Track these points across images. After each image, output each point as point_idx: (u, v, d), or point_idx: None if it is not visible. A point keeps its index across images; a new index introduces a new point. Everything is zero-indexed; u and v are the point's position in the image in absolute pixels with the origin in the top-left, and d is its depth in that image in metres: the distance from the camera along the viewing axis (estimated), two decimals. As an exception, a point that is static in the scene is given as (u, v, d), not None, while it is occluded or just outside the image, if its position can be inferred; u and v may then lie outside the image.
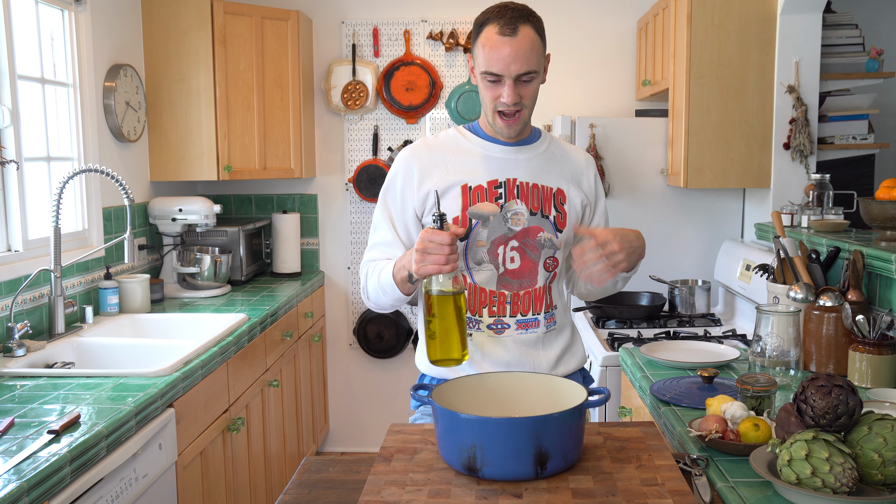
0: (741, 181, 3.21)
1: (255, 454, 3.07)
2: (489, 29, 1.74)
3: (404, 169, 1.88)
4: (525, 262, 1.84)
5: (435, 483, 1.34)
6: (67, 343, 2.62)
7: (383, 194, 1.91)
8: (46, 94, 2.89)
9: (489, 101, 1.79)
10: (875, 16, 3.74)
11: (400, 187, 1.88)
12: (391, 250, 1.88)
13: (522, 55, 1.72)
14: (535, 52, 1.74)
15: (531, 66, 1.74)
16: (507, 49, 1.71)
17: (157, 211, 3.57)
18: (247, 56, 3.72)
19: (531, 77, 1.76)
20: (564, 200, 1.88)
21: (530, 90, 1.78)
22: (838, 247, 2.41)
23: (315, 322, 4.06)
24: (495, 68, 1.73)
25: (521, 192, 1.84)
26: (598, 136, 3.53)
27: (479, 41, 1.77)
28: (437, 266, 1.62)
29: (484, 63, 1.75)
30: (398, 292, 1.79)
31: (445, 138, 1.92)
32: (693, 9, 3.12)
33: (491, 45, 1.73)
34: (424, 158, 1.88)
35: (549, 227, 1.86)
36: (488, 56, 1.74)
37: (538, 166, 1.88)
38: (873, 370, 2.03)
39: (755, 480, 1.47)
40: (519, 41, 1.72)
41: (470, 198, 1.83)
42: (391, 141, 4.18)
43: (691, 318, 3.31)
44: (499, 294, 1.83)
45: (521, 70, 1.73)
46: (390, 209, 1.90)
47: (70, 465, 1.68)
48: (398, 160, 1.91)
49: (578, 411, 1.37)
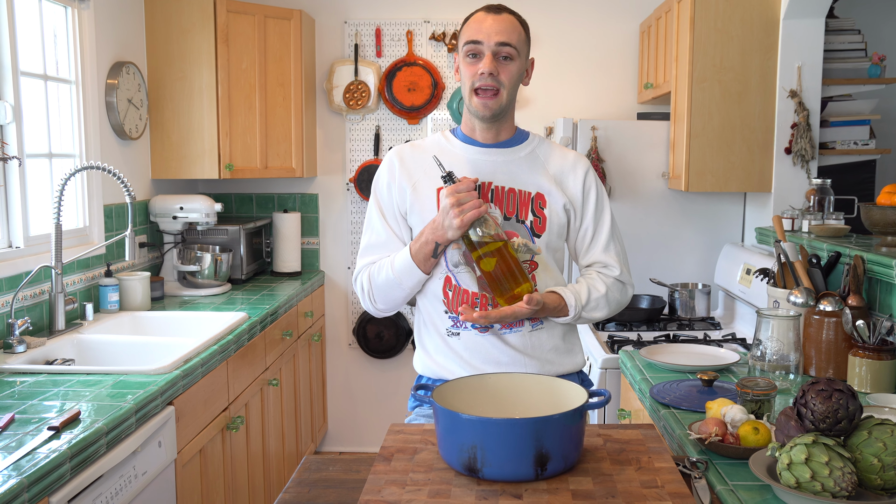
0: (742, 185, 3.21)
1: (254, 453, 3.07)
2: (475, 13, 1.84)
3: (388, 167, 1.93)
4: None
5: (435, 483, 1.34)
6: (68, 340, 2.63)
7: (373, 193, 1.95)
8: (49, 90, 2.89)
9: (468, 80, 1.82)
10: (877, 21, 3.75)
11: (386, 183, 1.92)
12: (387, 250, 1.90)
13: (504, 29, 1.79)
14: (517, 33, 1.82)
15: (512, 39, 1.79)
16: (490, 20, 1.80)
17: (158, 209, 3.57)
18: (249, 55, 3.72)
19: (510, 54, 1.80)
20: (544, 205, 1.87)
21: (509, 70, 1.81)
22: (839, 252, 2.41)
23: (315, 321, 4.06)
24: (478, 36, 1.79)
25: (495, 197, 1.85)
26: (600, 139, 3.53)
27: (464, 26, 1.85)
28: (477, 209, 1.68)
29: (466, 35, 1.82)
30: (418, 273, 1.81)
31: (430, 141, 1.95)
32: (696, 13, 3.12)
33: (476, 21, 1.82)
34: (407, 159, 1.92)
35: (524, 231, 1.85)
36: (470, 28, 1.82)
37: (518, 169, 1.88)
38: (873, 375, 2.03)
39: (754, 484, 1.48)
40: (502, 18, 1.81)
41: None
42: (393, 141, 4.19)
43: (691, 321, 3.31)
44: (481, 296, 1.84)
45: (501, 39, 1.78)
46: (381, 204, 1.93)
47: (70, 462, 1.68)
48: (384, 160, 1.96)
49: (579, 413, 1.37)
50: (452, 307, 1.86)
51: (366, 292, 1.91)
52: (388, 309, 1.93)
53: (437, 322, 1.89)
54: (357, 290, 1.95)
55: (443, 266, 1.85)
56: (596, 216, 1.93)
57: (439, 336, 1.89)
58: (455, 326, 1.87)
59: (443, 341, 1.89)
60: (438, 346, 1.90)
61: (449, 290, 1.85)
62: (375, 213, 1.93)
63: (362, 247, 1.95)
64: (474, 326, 1.85)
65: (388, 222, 1.91)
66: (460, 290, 1.84)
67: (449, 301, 1.86)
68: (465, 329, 1.86)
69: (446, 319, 1.88)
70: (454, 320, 1.86)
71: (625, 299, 1.95)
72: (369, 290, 1.90)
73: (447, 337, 1.88)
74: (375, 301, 1.90)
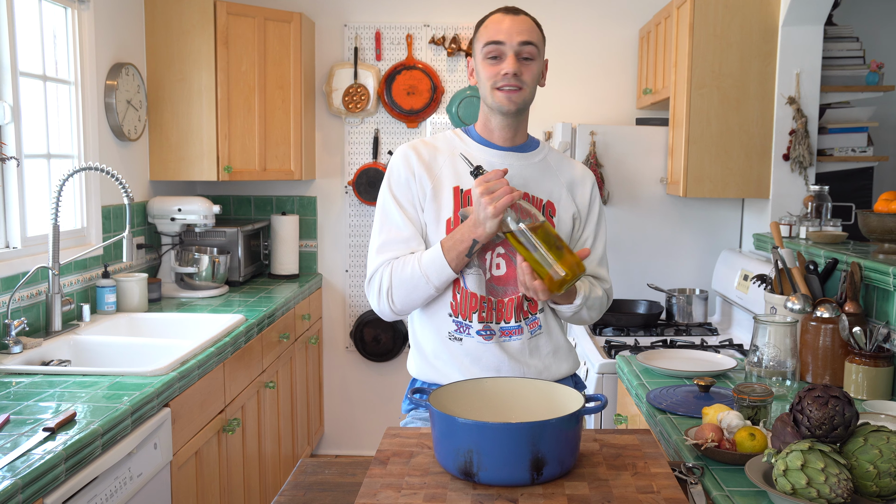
0: (740, 191, 3.21)
1: (250, 455, 3.06)
2: (492, 15, 1.84)
3: (404, 161, 1.87)
4: (510, 270, 1.83)
5: (431, 487, 1.34)
6: (64, 341, 2.62)
7: (387, 189, 1.87)
8: (48, 91, 2.89)
9: (488, 80, 1.80)
10: (876, 29, 3.76)
11: (405, 177, 1.86)
12: (408, 246, 1.82)
13: (525, 29, 1.80)
14: (536, 33, 1.82)
15: (533, 38, 1.80)
16: (509, 20, 1.80)
17: (157, 210, 3.57)
18: (249, 57, 3.73)
19: (531, 53, 1.80)
20: (554, 213, 1.87)
21: (531, 70, 1.81)
22: (836, 258, 2.41)
23: (312, 324, 4.05)
24: (498, 37, 1.78)
25: None
26: (599, 144, 3.53)
27: (481, 28, 1.84)
28: (509, 195, 1.65)
29: (486, 36, 1.81)
30: (448, 272, 1.75)
31: (442, 139, 1.92)
32: (695, 19, 3.13)
33: (494, 22, 1.82)
34: (423, 154, 1.88)
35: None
36: (490, 29, 1.81)
37: (531, 175, 1.87)
38: (869, 382, 2.03)
39: (750, 490, 1.48)
40: (521, 19, 1.82)
41: (462, 200, 1.83)
42: (391, 144, 4.19)
43: (688, 326, 3.31)
44: (487, 300, 1.83)
45: (523, 38, 1.78)
46: (399, 199, 1.85)
47: (65, 463, 1.68)
48: (397, 155, 1.89)
49: (575, 418, 1.37)
50: (459, 311, 1.84)
51: (384, 290, 1.82)
52: (403, 310, 1.85)
53: (440, 325, 1.86)
54: (371, 289, 1.85)
55: None
56: (596, 230, 1.96)
57: (440, 340, 1.87)
58: (458, 331, 1.84)
59: (443, 345, 1.86)
60: (438, 351, 1.87)
61: (458, 292, 1.83)
62: (393, 207, 1.85)
63: (378, 244, 1.85)
64: (479, 333, 1.84)
65: (410, 217, 1.84)
66: (468, 293, 1.83)
67: (457, 305, 1.83)
68: (468, 336, 1.84)
69: (450, 323, 1.85)
70: (458, 324, 1.84)
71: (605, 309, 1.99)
72: (388, 288, 1.81)
73: (448, 341, 1.86)
74: (393, 300, 1.82)
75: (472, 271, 1.82)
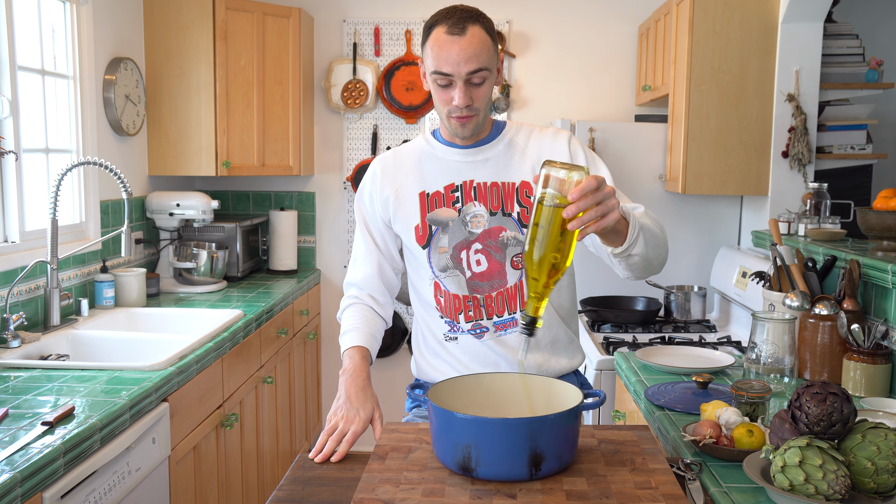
0: (739, 188, 3.22)
1: (248, 450, 3.06)
2: (438, 30, 1.71)
3: (370, 178, 1.92)
4: (492, 264, 1.82)
5: (429, 482, 1.34)
6: (62, 335, 2.62)
7: (356, 202, 1.96)
8: (46, 85, 2.88)
9: (442, 105, 1.76)
10: (875, 26, 3.75)
11: (368, 194, 1.92)
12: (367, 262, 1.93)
13: (472, 54, 1.68)
14: (486, 50, 1.70)
15: (482, 62, 1.69)
16: (457, 48, 1.68)
17: (155, 205, 3.56)
18: (248, 52, 3.72)
19: (483, 77, 1.71)
20: (531, 192, 1.81)
21: (482, 92, 1.73)
22: (835, 256, 2.41)
23: (310, 320, 4.05)
24: (445, 68, 1.69)
25: (478, 194, 1.82)
26: (598, 141, 3.53)
27: (427, 43, 1.73)
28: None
29: (433, 63, 1.71)
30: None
31: (412, 146, 1.92)
32: (694, 16, 3.13)
33: (440, 45, 1.69)
34: (389, 166, 1.90)
35: (511, 224, 1.81)
36: (437, 56, 1.70)
37: (498, 163, 1.83)
38: (867, 379, 2.03)
39: (748, 486, 1.48)
40: (468, 39, 1.68)
41: (428, 204, 1.83)
42: (390, 140, 4.18)
43: (686, 323, 3.31)
44: (472, 298, 1.83)
45: (471, 68, 1.68)
46: (364, 216, 1.93)
47: (63, 458, 1.68)
48: (367, 171, 1.95)
49: (574, 413, 1.37)
50: (446, 313, 1.86)
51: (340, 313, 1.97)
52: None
53: (434, 328, 1.89)
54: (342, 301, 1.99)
55: (430, 272, 1.85)
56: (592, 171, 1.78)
57: (437, 341, 1.89)
58: (452, 331, 1.86)
59: (441, 346, 1.89)
60: (436, 351, 1.90)
61: (440, 295, 1.85)
62: (359, 224, 1.95)
63: (351, 257, 1.99)
64: (471, 331, 1.85)
65: (372, 234, 1.92)
66: (450, 295, 1.84)
67: (442, 307, 1.86)
68: (462, 333, 1.85)
69: (442, 324, 1.87)
70: (450, 325, 1.86)
71: (666, 245, 1.71)
72: (340, 316, 1.96)
73: (445, 342, 1.88)
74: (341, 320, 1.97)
75: (448, 274, 1.83)
